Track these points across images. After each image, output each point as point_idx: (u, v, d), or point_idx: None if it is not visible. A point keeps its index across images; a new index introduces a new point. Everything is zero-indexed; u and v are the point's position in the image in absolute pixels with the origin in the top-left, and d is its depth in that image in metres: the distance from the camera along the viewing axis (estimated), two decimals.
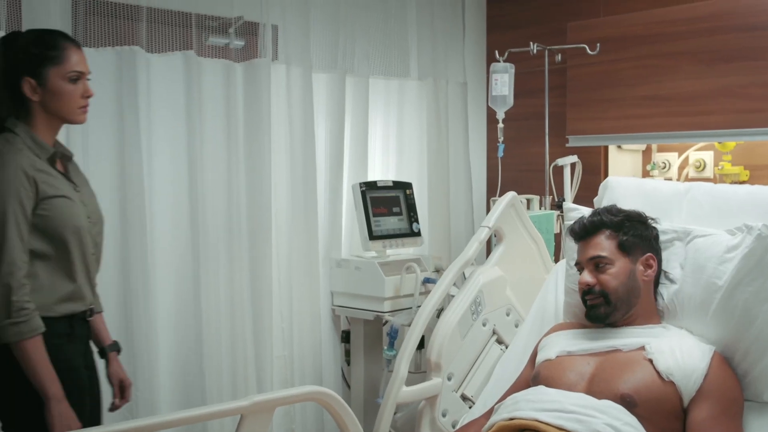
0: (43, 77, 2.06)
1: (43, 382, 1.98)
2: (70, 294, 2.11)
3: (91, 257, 2.17)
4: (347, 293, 3.39)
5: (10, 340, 1.97)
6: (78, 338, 2.18)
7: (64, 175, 2.15)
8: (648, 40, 3.39)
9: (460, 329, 2.49)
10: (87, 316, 2.21)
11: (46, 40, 2.09)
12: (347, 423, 1.96)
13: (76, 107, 2.13)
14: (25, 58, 2.06)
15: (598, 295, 2.14)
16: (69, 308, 2.12)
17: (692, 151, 3.59)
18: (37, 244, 2.04)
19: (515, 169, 3.96)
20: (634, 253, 2.17)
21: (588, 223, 2.23)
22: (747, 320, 2.05)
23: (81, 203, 2.15)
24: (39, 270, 2.05)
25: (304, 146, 3.28)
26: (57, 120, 2.14)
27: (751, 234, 2.09)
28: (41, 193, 2.03)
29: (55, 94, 2.09)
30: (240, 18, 3.14)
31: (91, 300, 2.22)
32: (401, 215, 3.45)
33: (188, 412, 1.79)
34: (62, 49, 2.09)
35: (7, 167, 1.99)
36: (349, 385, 3.49)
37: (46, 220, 2.04)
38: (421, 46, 3.86)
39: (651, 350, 2.03)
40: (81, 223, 2.11)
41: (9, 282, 1.96)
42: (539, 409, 1.94)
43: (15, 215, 1.98)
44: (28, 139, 2.07)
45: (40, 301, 2.03)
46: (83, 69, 2.13)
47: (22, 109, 2.10)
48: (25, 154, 2.03)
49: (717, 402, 1.94)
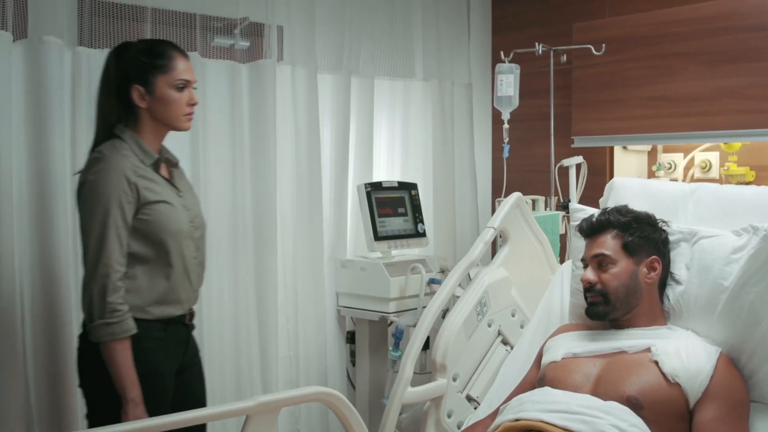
0: (151, 85, 2.16)
1: (124, 384, 2.06)
2: (167, 298, 2.18)
3: (192, 261, 2.24)
4: (352, 294, 3.39)
5: (101, 340, 2.05)
6: (172, 342, 2.23)
7: (168, 181, 2.24)
8: (653, 40, 3.38)
9: (465, 330, 2.48)
10: (186, 321, 2.27)
11: (155, 49, 2.19)
12: (352, 424, 1.95)
13: (182, 114, 2.22)
14: (134, 67, 2.16)
15: (597, 293, 2.16)
16: (164, 311, 2.18)
17: (698, 151, 3.58)
18: (137, 247, 2.12)
19: (520, 170, 3.96)
20: (638, 255, 2.17)
21: (596, 221, 2.24)
22: (753, 321, 2.04)
23: (183, 208, 2.22)
24: (138, 272, 2.13)
25: (310, 147, 3.28)
26: (163, 127, 2.23)
27: (758, 235, 2.08)
28: (142, 198, 2.11)
29: (162, 102, 2.18)
30: (245, 19, 3.14)
31: (192, 304, 2.28)
32: (406, 216, 3.45)
33: (193, 412, 1.79)
34: (170, 59, 2.18)
35: (111, 172, 2.07)
36: (355, 386, 3.49)
37: (146, 225, 2.12)
38: (426, 47, 3.86)
39: (657, 352, 2.02)
40: (181, 227, 2.19)
41: (105, 283, 2.04)
42: (545, 410, 1.93)
43: (115, 219, 2.06)
44: (134, 145, 2.16)
45: (136, 303, 2.11)
46: (189, 78, 2.22)
47: (131, 115, 2.19)
48: (129, 160, 2.12)
49: (723, 403, 1.94)
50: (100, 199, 2.06)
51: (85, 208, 2.10)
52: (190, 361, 2.34)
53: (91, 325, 2.06)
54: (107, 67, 2.20)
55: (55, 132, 2.59)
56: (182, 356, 2.29)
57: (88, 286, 2.06)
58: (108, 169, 2.07)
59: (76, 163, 2.67)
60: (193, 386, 2.36)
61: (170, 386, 2.24)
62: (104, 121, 2.20)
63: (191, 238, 2.23)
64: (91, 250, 2.07)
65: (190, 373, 2.34)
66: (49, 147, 2.58)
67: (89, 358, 2.13)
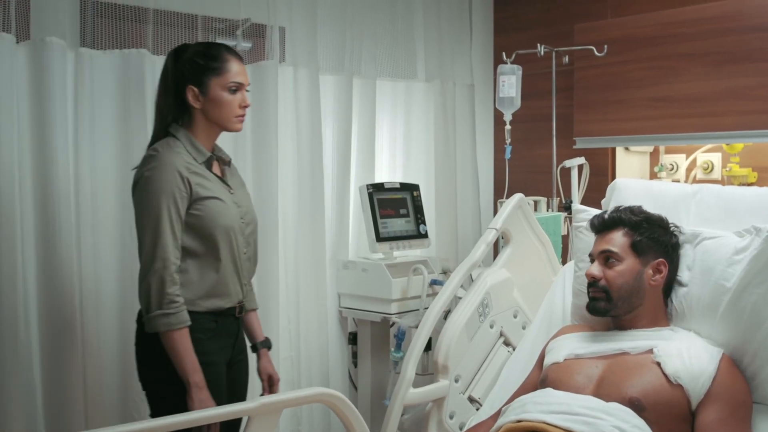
0: (205, 86, 2.22)
1: (186, 370, 2.11)
2: (216, 291, 2.23)
3: (242, 257, 2.30)
4: (354, 295, 3.39)
5: (160, 330, 2.11)
6: (223, 334, 2.29)
7: (220, 178, 2.30)
8: (656, 41, 3.38)
9: (467, 331, 2.48)
10: (236, 313, 2.32)
11: (211, 52, 2.25)
12: (354, 425, 1.95)
13: (233, 116, 2.28)
14: (190, 68, 2.23)
15: (600, 289, 2.16)
16: (214, 304, 2.23)
17: (700, 152, 3.58)
18: (188, 241, 2.18)
19: (522, 171, 3.96)
20: (645, 255, 2.17)
21: (608, 217, 2.24)
22: (756, 322, 2.04)
23: (234, 205, 2.28)
24: (189, 266, 2.19)
25: (312, 148, 3.28)
26: (215, 127, 2.30)
27: (760, 236, 2.08)
28: (195, 194, 2.18)
29: (215, 103, 2.24)
30: (247, 20, 3.14)
31: (240, 298, 2.32)
32: (408, 217, 3.45)
33: (196, 413, 1.80)
34: (224, 61, 2.24)
35: (165, 168, 2.14)
36: (356, 387, 3.49)
37: (198, 220, 2.18)
38: (428, 48, 3.86)
39: (659, 353, 2.02)
40: (232, 223, 2.24)
41: (163, 275, 2.10)
42: (547, 411, 1.93)
43: (169, 213, 2.12)
44: (188, 143, 2.23)
45: (188, 296, 2.16)
46: (243, 80, 2.28)
47: (185, 115, 2.27)
48: (182, 157, 2.18)
49: (725, 405, 1.93)
50: (155, 195, 2.12)
51: (140, 204, 2.17)
52: (238, 356, 2.38)
53: (148, 316, 2.11)
54: (165, 68, 2.27)
55: (58, 132, 2.59)
56: (232, 349, 2.34)
57: (145, 279, 2.12)
58: (162, 166, 2.14)
59: (78, 163, 2.68)
60: (238, 383, 2.40)
61: (224, 375, 2.29)
62: (161, 119, 2.28)
63: (242, 233, 2.29)
64: (147, 244, 2.13)
65: (237, 369, 2.38)
66: (52, 147, 2.58)
67: (147, 350, 2.20)
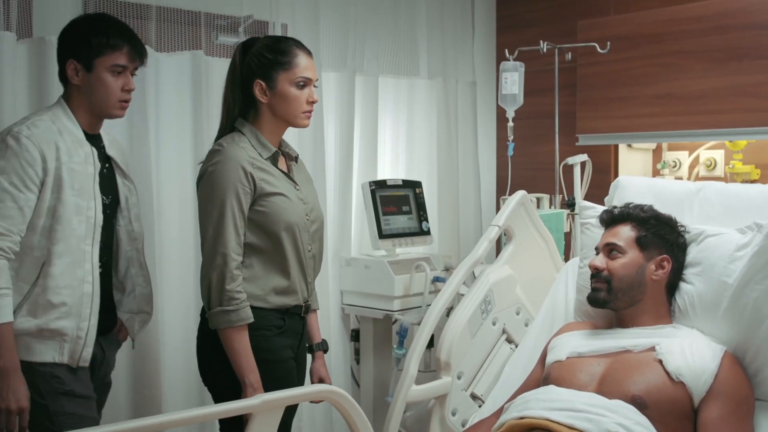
0: (272, 81, 2.21)
1: (242, 369, 2.11)
2: (284, 288, 2.23)
3: (306, 254, 2.28)
4: (357, 292, 3.39)
5: (219, 327, 2.11)
6: (289, 332, 2.27)
7: (285, 174, 2.27)
8: (658, 38, 3.38)
9: (469, 328, 2.48)
10: (302, 312, 2.31)
11: (279, 46, 2.24)
12: (357, 422, 1.96)
13: (300, 111, 2.26)
14: (257, 62, 2.22)
15: (603, 280, 2.18)
16: (282, 301, 2.23)
17: (703, 149, 3.58)
18: (253, 238, 2.18)
19: (525, 168, 3.96)
20: (649, 251, 2.18)
21: (617, 212, 2.27)
22: (758, 319, 2.04)
23: (300, 201, 2.27)
24: (254, 262, 2.19)
25: (314, 145, 3.28)
26: (282, 122, 2.28)
27: (761, 232, 2.08)
28: (259, 189, 2.17)
29: (282, 98, 2.22)
30: (249, 17, 3.14)
31: (306, 296, 2.31)
32: (411, 214, 3.44)
33: (198, 410, 1.80)
34: (293, 56, 2.23)
35: (228, 163, 2.13)
36: (359, 384, 3.49)
37: (262, 216, 2.17)
38: (430, 46, 3.85)
39: (661, 351, 2.02)
40: (296, 220, 2.23)
41: (224, 272, 2.10)
42: (550, 408, 1.93)
43: (232, 208, 2.12)
44: (253, 138, 2.22)
45: (254, 292, 2.17)
46: (311, 76, 2.26)
47: (252, 109, 2.25)
48: (246, 152, 2.17)
49: (727, 402, 1.93)
50: (218, 189, 2.12)
51: (203, 199, 2.16)
52: (300, 357, 2.37)
53: (210, 312, 2.12)
54: (233, 61, 2.26)
55: None
56: (297, 348, 2.33)
57: (206, 275, 2.12)
58: (225, 161, 2.13)
59: None
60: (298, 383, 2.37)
61: (295, 371, 2.29)
62: (228, 114, 2.27)
63: (306, 230, 2.27)
64: (208, 239, 2.12)
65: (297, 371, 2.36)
66: None
67: (208, 346, 2.21)
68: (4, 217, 2.01)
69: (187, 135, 2.93)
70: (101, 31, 2.16)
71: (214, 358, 2.19)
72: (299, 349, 2.34)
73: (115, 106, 2.21)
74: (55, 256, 2.09)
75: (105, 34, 2.16)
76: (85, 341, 2.15)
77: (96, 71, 2.16)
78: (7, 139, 2.05)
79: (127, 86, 2.21)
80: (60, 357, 2.12)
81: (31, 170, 2.05)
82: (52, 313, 2.09)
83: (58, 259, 2.10)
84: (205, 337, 2.22)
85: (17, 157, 2.04)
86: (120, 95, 2.20)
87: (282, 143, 2.34)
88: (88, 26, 2.18)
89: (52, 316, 2.10)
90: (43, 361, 2.10)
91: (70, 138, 2.14)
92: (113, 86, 2.18)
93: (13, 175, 2.03)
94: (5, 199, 2.02)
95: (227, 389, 2.14)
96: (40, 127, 2.10)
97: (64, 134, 2.13)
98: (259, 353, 2.15)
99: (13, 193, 2.03)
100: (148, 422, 1.66)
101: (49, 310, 2.09)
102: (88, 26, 2.19)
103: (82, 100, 2.19)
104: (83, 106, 2.19)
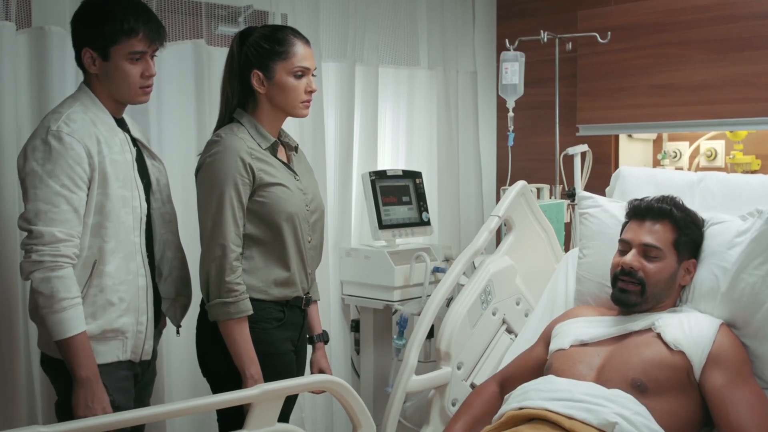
0: (270, 71, 2.19)
1: (242, 361, 2.11)
2: (284, 279, 2.21)
3: (306, 245, 2.26)
4: (357, 282, 3.39)
5: (218, 319, 2.10)
6: (289, 324, 2.26)
7: (285, 165, 2.26)
8: (659, 28, 3.37)
9: (469, 318, 2.49)
10: (302, 305, 2.30)
11: (277, 36, 2.21)
12: (357, 412, 1.96)
13: (299, 101, 2.24)
14: (255, 52, 2.19)
15: (636, 281, 2.12)
16: (282, 293, 2.22)
17: (703, 140, 3.57)
18: (253, 229, 2.16)
19: (525, 159, 3.95)
20: (683, 255, 2.16)
21: (656, 207, 2.18)
22: (755, 303, 2.05)
23: (300, 192, 2.25)
24: (254, 254, 2.17)
25: (314, 135, 3.28)
26: (281, 112, 2.26)
27: (761, 218, 2.08)
28: (258, 180, 2.15)
29: (280, 88, 2.20)
30: (249, 7, 3.13)
31: (306, 287, 2.30)
32: (411, 204, 3.44)
33: (198, 400, 1.80)
34: (290, 45, 2.20)
35: (227, 154, 2.11)
36: (359, 374, 3.50)
37: (262, 206, 2.15)
38: (431, 36, 3.84)
39: (658, 324, 2.04)
40: (296, 210, 2.21)
41: (223, 263, 2.08)
42: (549, 398, 1.94)
43: (231, 199, 2.10)
44: (252, 128, 2.20)
45: (254, 284, 2.16)
46: (309, 65, 2.24)
47: (250, 99, 2.23)
48: (245, 143, 2.15)
49: (729, 366, 1.95)
50: (216, 180, 2.10)
51: (201, 189, 2.15)
52: (300, 348, 2.35)
53: (209, 304, 2.11)
54: (231, 52, 2.23)
55: None
56: (297, 341, 2.32)
57: (205, 266, 2.11)
58: (224, 151, 2.11)
59: None
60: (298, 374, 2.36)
61: (294, 364, 2.29)
62: (226, 104, 2.25)
63: (307, 221, 2.26)
64: (207, 231, 2.11)
65: (297, 363, 2.35)
66: None
67: (207, 337, 2.20)
68: (62, 222, 1.93)
69: (189, 124, 2.93)
70: (114, 16, 2.03)
71: (213, 350, 2.18)
72: (299, 341, 2.33)
73: (137, 93, 2.11)
74: (108, 253, 2.02)
75: (118, 19, 2.03)
76: (146, 335, 2.12)
77: (113, 60, 2.05)
78: (49, 139, 1.95)
79: (148, 72, 2.11)
80: (123, 355, 2.08)
81: (79, 168, 1.96)
82: (113, 312, 2.04)
83: (111, 256, 2.03)
84: (204, 329, 2.22)
85: (64, 157, 1.94)
86: (140, 82, 2.10)
87: (282, 133, 2.32)
88: (100, 11, 2.05)
89: (113, 315, 2.04)
90: (107, 362, 2.05)
91: (104, 127, 2.06)
92: (133, 74, 2.07)
93: (63, 177, 1.94)
94: (60, 203, 1.94)
95: (227, 381, 2.13)
96: (77, 121, 2.00)
97: (98, 124, 2.05)
98: (259, 346, 2.14)
99: (67, 195, 1.94)
100: (148, 412, 1.67)
101: (108, 309, 2.03)
102: (100, 11, 2.05)
103: (103, 88, 2.09)
104: (105, 93, 2.10)
